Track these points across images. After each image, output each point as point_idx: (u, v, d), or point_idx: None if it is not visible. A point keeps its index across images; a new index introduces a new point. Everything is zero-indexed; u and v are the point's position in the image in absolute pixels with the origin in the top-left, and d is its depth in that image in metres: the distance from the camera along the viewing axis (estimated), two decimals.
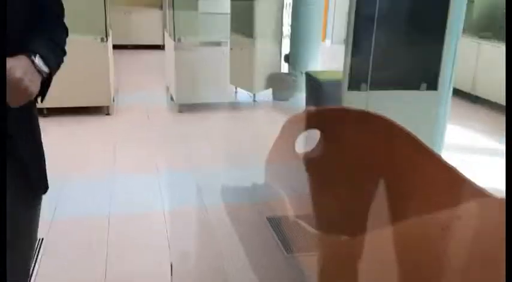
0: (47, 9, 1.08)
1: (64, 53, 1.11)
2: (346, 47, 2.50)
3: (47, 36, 1.06)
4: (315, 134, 2.14)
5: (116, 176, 3.02)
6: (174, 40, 4.40)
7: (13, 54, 0.91)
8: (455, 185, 1.13)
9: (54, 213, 2.42)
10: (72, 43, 1.18)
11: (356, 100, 2.30)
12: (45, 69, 0.97)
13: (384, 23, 2.47)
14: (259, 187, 2.62)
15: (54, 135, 3.43)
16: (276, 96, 4.95)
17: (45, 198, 1.17)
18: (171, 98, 4.68)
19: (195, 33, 4.61)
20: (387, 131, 1.31)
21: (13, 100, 0.90)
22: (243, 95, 5.01)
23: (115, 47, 4.92)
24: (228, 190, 2.87)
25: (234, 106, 4.82)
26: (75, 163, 3.17)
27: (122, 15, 7.28)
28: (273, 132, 2.13)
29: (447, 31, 2.36)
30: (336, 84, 2.78)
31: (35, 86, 0.94)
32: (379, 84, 2.48)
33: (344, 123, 1.40)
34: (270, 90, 4.96)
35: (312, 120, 1.45)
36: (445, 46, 2.43)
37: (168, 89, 5.04)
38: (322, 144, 1.77)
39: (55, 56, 1.04)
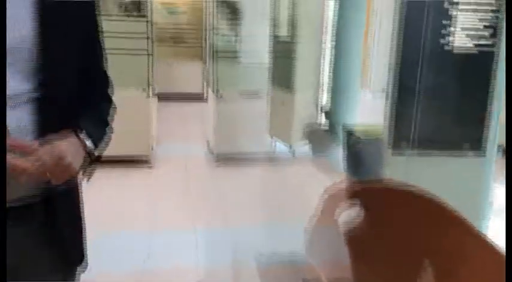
0: (94, 80, 1.11)
1: (108, 125, 1.12)
2: (386, 107, 2.45)
3: (94, 109, 1.08)
4: None
5: (152, 231, 3.03)
6: (214, 92, 4.51)
7: (60, 126, 0.93)
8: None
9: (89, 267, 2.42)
10: (116, 94, 1.19)
11: (397, 161, 2.23)
12: (90, 145, 0.98)
13: (428, 80, 2.42)
14: (297, 249, 2.54)
15: (89, 186, 3.48)
16: (313, 150, 4.92)
17: None
18: (209, 149, 4.74)
19: (234, 84, 4.71)
20: (434, 212, 1.24)
21: (56, 177, 0.90)
22: (281, 146, 5.01)
23: (158, 96, 5.08)
24: (264, 249, 2.81)
25: (272, 158, 4.81)
26: (112, 217, 3.21)
27: (165, 66, 7.59)
28: (311, 189, 2.09)
29: (494, 93, 2.29)
30: (375, 141, 2.73)
31: (77, 163, 0.94)
32: (422, 145, 2.41)
33: (388, 201, 1.33)
34: (306, 141, 4.93)
35: (353, 195, 1.40)
36: (491, 106, 2.35)
37: (206, 139, 5.12)
38: (364, 216, 1.71)
39: (101, 131, 1.06)
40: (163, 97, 7.24)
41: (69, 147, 0.91)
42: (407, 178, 2.32)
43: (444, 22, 2.22)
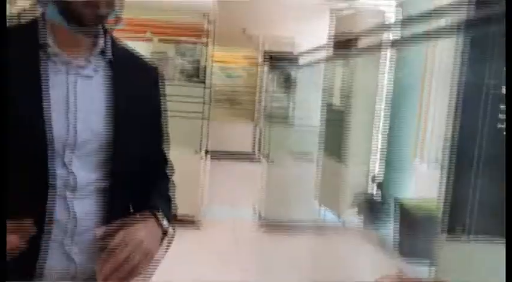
0: (158, 162, 1.14)
1: (172, 201, 1.14)
2: (441, 182, 2.36)
3: (160, 189, 1.11)
4: None
5: None
6: (264, 153, 4.55)
7: (127, 210, 0.98)
8: None
9: None
10: (170, 157, 1.21)
11: (451, 246, 2.11)
12: (166, 224, 1.00)
13: (486, 154, 2.31)
14: None
15: None
16: (363, 221, 4.76)
17: None
18: (257, 213, 4.71)
19: (285, 147, 4.74)
20: None
21: (137, 265, 0.91)
22: (329, 214, 4.89)
23: (211, 155, 5.16)
24: None
25: (321, 226, 4.69)
26: (156, 276, 3.20)
27: (218, 126, 7.81)
28: (359, 263, 2.00)
29: None
30: (429, 219, 2.62)
31: (156, 246, 0.97)
32: (480, 229, 2.27)
33: None
34: (357, 212, 4.80)
35: None
36: None
37: (255, 203, 5.10)
38: None
39: (170, 209, 1.08)
40: (215, 156, 7.39)
41: (147, 230, 0.94)
42: (463, 266, 2.17)
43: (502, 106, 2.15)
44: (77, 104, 0.93)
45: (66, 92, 0.93)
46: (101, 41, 0.99)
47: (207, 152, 4.59)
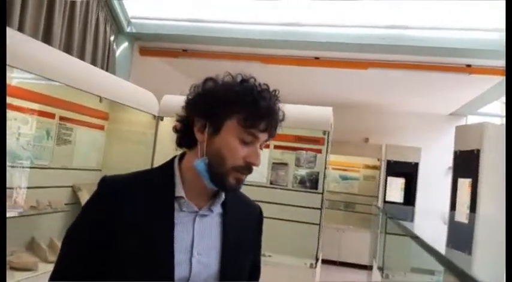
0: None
1: None
2: None
3: None
4: None
5: None
6: (379, 267, 4.31)
7: None
8: None
9: None
10: (281, 265, 1.29)
11: None
12: None
13: None
14: None
15: None
16: None
17: None
18: None
19: (403, 261, 4.44)
20: None
21: None
22: None
23: (323, 261, 5.04)
24: None
25: None
26: None
27: (334, 232, 7.67)
28: None
29: None
30: None
31: None
32: None
33: None
34: None
35: None
36: None
37: None
38: None
39: None
40: (327, 262, 7.18)
41: None
42: None
43: None
44: (194, 240, 1.06)
45: (186, 231, 1.06)
46: (223, 195, 1.13)
47: (318, 258, 4.50)
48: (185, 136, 1.11)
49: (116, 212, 1.02)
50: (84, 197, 3.45)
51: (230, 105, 1.04)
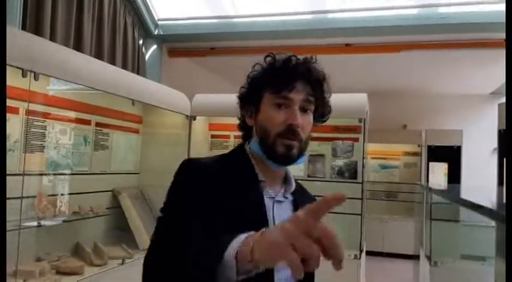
0: None
1: None
2: None
3: None
4: None
5: None
6: (426, 255, 4.17)
7: None
8: None
9: None
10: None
11: None
12: None
13: None
14: None
15: None
16: None
17: None
18: None
19: (452, 248, 4.29)
20: None
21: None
22: None
23: (367, 253, 4.95)
24: None
25: None
26: None
27: (378, 223, 7.51)
28: None
29: None
30: None
31: None
32: None
33: None
34: None
35: None
36: None
37: None
38: None
39: None
40: (372, 254, 7.05)
41: None
42: None
43: None
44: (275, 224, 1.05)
45: (269, 215, 1.07)
46: (294, 183, 1.18)
47: (362, 249, 4.41)
48: (244, 129, 1.19)
49: (208, 188, 0.99)
50: (125, 200, 3.50)
51: (260, 80, 1.13)
